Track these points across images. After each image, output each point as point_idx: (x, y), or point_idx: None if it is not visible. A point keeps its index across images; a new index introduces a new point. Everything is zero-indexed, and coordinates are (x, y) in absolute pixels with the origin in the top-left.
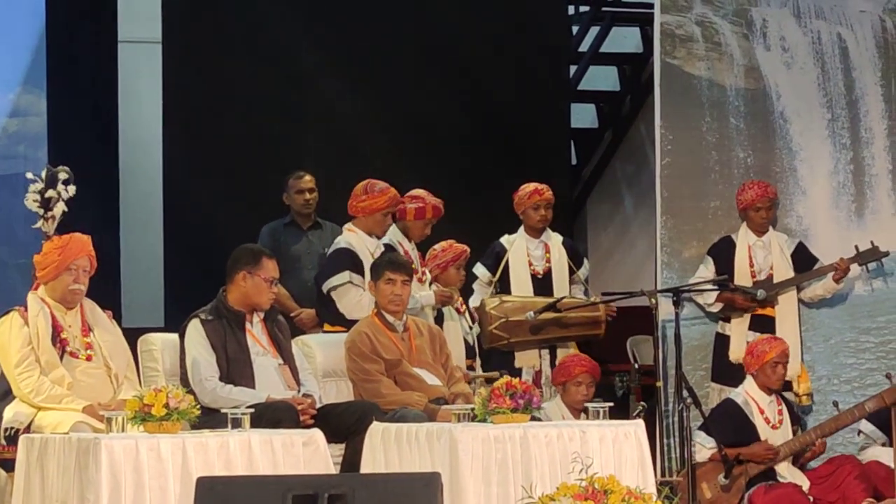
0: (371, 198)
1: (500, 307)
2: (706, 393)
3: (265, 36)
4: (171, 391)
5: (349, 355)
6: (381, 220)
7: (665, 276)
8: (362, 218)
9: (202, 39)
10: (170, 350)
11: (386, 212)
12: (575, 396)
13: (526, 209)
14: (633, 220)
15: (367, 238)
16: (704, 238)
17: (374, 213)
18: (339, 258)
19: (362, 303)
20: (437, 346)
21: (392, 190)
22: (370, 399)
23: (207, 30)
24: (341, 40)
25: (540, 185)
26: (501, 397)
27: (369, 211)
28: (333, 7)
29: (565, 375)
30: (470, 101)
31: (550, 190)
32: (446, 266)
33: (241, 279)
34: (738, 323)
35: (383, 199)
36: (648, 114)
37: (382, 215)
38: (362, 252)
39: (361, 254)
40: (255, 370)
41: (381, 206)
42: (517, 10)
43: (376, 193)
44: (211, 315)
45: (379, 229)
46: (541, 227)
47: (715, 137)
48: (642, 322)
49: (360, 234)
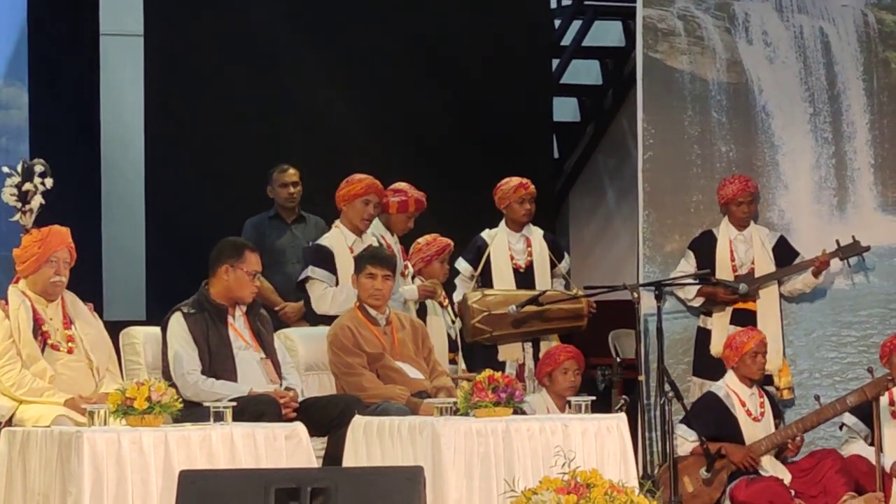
0: (348, 185)
1: (483, 301)
2: (688, 387)
3: (248, 29)
4: (153, 384)
5: (331, 349)
6: (361, 209)
7: (647, 269)
8: (346, 211)
9: (185, 32)
10: (152, 343)
11: (364, 199)
12: (563, 384)
13: (511, 203)
14: (615, 213)
15: (349, 234)
16: (686, 232)
17: (352, 201)
18: (308, 253)
19: (325, 296)
20: (420, 339)
21: (369, 178)
22: (352, 393)
23: (190, 23)
24: (325, 34)
25: (523, 179)
26: (484, 391)
27: (348, 198)
28: (317, 1)
29: (551, 364)
30: (452, 94)
31: (532, 185)
32: (430, 260)
33: (224, 272)
34: (719, 317)
35: (360, 186)
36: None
37: (362, 203)
38: (338, 247)
39: (337, 248)
40: (238, 364)
41: (357, 192)
42: (500, 4)
43: (353, 181)
44: (193, 308)
45: (359, 219)
46: (525, 220)
47: (697, 131)
48: (624, 316)
49: (342, 230)
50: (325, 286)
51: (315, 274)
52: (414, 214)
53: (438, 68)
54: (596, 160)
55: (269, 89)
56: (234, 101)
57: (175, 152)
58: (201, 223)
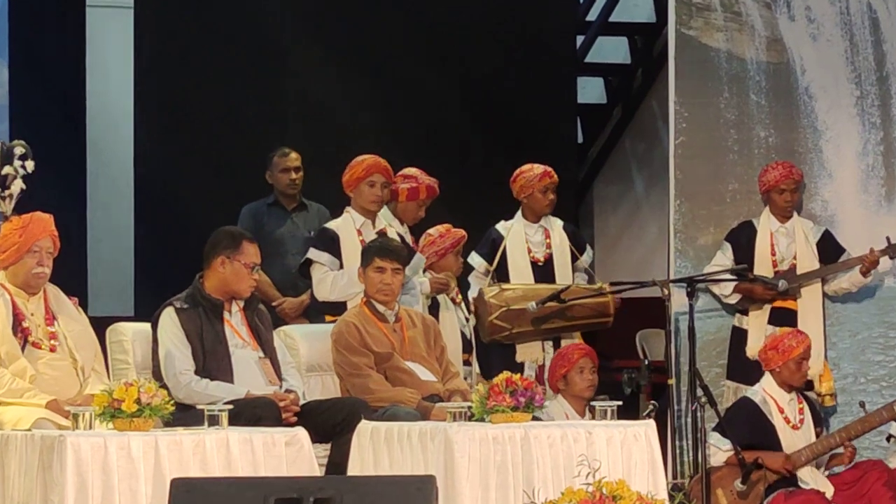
0: (350, 169)
1: (500, 296)
2: (721, 392)
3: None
4: (142, 385)
5: (336, 348)
6: (367, 192)
7: (678, 264)
8: (354, 197)
9: (177, 5)
10: (141, 341)
11: (368, 181)
12: (581, 384)
13: (533, 192)
14: (643, 203)
15: (357, 216)
16: (722, 223)
17: (357, 185)
18: (314, 237)
19: (325, 281)
20: (432, 338)
21: (372, 157)
22: (358, 395)
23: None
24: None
25: (547, 167)
26: (501, 394)
27: (353, 183)
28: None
29: (565, 364)
30: (466, 74)
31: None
32: (445, 253)
33: (220, 264)
34: (756, 316)
35: (361, 168)
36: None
37: (367, 186)
38: (345, 230)
39: (343, 232)
40: (234, 363)
41: (359, 175)
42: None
43: (354, 164)
44: (186, 303)
45: (368, 203)
46: (548, 212)
47: (734, 115)
48: (653, 314)
49: (352, 214)
50: (325, 269)
51: (316, 257)
52: (425, 202)
53: (450, 46)
54: (623, 145)
55: (269, 67)
56: (232, 79)
57: (167, 133)
58: (196, 210)
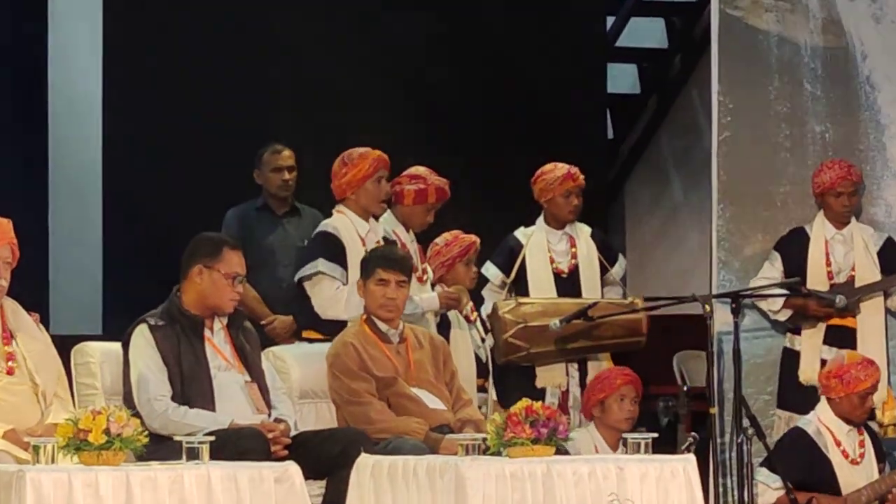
0: (352, 167)
1: (517, 311)
2: (771, 422)
3: None
4: (111, 413)
5: (332, 372)
6: (374, 191)
7: (722, 277)
8: (352, 197)
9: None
10: (110, 363)
11: (376, 177)
12: (618, 415)
13: (554, 197)
14: (682, 207)
15: (360, 221)
16: (771, 230)
17: (362, 184)
18: (315, 243)
19: (338, 297)
20: (441, 361)
21: (375, 152)
22: (357, 426)
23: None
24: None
25: (572, 167)
26: (520, 425)
27: (355, 184)
28: None
29: (605, 389)
30: (483, 60)
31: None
32: (453, 263)
33: (197, 274)
34: (810, 335)
35: (366, 164)
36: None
37: (374, 183)
38: (349, 236)
39: (347, 238)
40: (216, 388)
41: (366, 173)
42: None
43: (356, 160)
44: (162, 320)
45: (374, 203)
46: (571, 219)
47: (785, 107)
48: (693, 334)
49: (350, 215)
50: (337, 285)
51: (328, 269)
52: (434, 206)
53: (464, 29)
54: (659, 141)
55: (256, 52)
56: (215, 65)
57: (141, 128)
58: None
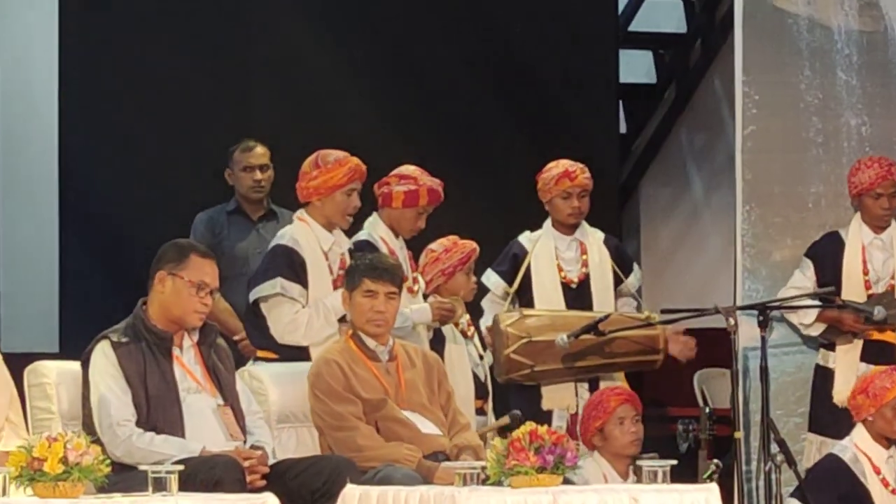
0: (325, 172)
1: (520, 324)
2: (802, 447)
3: None
4: (69, 440)
5: (314, 393)
6: (343, 204)
7: (747, 286)
8: (317, 203)
9: None
10: (68, 384)
11: (347, 189)
12: (622, 439)
13: (553, 198)
14: (703, 209)
15: (323, 232)
16: (802, 234)
17: (331, 194)
18: (273, 259)
19: (297, 322)
20: (435, 380)
21: (353, 160)
22: (343, 453)
23: None
24: None
25: (572, 164)
26: (523, 451)
27: (324, 191)
28: None
29: (600, 415)
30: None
31: (587, 171)
32: (453, 271)
33: (159, 283)
34: (846, 351)
35: (341, 172)
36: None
37: (344, 195)
38: (310, 250)
39: (308, 252)
40: (186, 412)
41: (339, 182)
42: None
43: (331, 165)
44: (126, 336)
45: (340, 216)
46: (572, 222)
47: (817, 98)
48: (716, 350)
49: (312, 225)
50: (296, 307)
51: (287, 290)
52: (426, 209)
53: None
54: (678, 136)
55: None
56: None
57: (101, 124)
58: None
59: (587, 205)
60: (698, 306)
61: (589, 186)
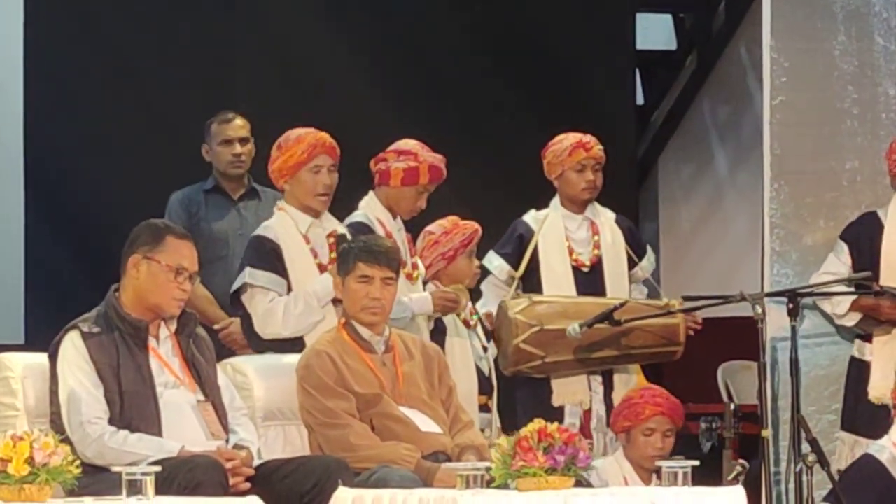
0: (286, 151)
1: (531, 311)
2: (835, 447)
3: None
4: (36, 439)
5: (303, 388)
6: (310, 183)
7: (776, 271)
8: (287, 187)
9: None
10: (35, 378)
11: (312, 166)
12: (644, 450)
13: (565, 171)
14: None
15: (301, 216)
16: (836, 215)
17: (296, 173)
18: (245, 252)
19: (272, 311)
20: (436, 374)
21: (316, 133)
22: (335, 453)
23: None
24: None
25: (585, 135)
26: (531, 451)
27: (286, 171)
28: None
29: (631, 418)
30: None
31: (600, 144)
32: (455, 255)
33: (133, 266)
34: (883, 343)
35: (300, 149)
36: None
37: (310, 173)
38: (286, 236)
39: (285, 238)
40: (163, 409)
41: (300, 159)
42: None
43: (291, 143)
44: (97, 326)
45: (309, 196)
46: (587, 197)
47: (853, 65)
48: (741, 341)
49: (290, 212)
50: (271, 296)
51: (256, 279)
52: (427, 188)
53: None
54: (700, 108)
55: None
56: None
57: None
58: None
59: (601, 179)
60: (722, 293)
61: (603, 159)
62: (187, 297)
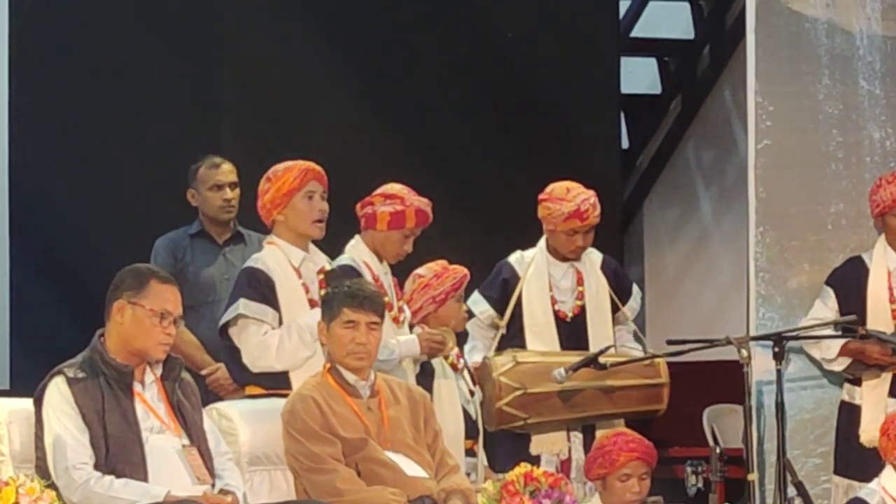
0: (276, 181)
1: (514, 372)
2: (824, 490)
3: None
4: (21, 485)
5: (289, 432)
6: (306, 209)
7: (762, 315)
8: (280, 218)
9: None
10: (20, 423)
11: (306, 192)
12: (621, 496)
13: (556, 230)
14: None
15: (292, 249)
16: (821, 259)
17: (289, 202)
18: (236, 284)
19: (266, 344)
20: (422, 418)
21: (304, 162)
22: (321, 498)
23: None
24: None
25: (584, 197)
26: (517, 495)
27: (279, 201)
28: None
29: (606, 465)
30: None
31: (598, 205)
32: (445, 298)
33: (118, 311)
34: (872, 387)
35: (291, 175)
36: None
37: (304, 199)
38: (278, 269)
39: (277, 271)
40: (148, 454)
41: (292, 186)
42: None
43: (280, 172)
44: (83, 371)
45: (307, 224)
46: (573, 258)
47: (837, 109)
48: (727, 385)
49: (280, 244)
50: (264, 329)
51: (250, 310)
52: (413, 232)
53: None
54: (685, 151)
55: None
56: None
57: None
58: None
59: (591, 239)
60: (708, 337)
61: (597, 222)
62: (172, 342)
